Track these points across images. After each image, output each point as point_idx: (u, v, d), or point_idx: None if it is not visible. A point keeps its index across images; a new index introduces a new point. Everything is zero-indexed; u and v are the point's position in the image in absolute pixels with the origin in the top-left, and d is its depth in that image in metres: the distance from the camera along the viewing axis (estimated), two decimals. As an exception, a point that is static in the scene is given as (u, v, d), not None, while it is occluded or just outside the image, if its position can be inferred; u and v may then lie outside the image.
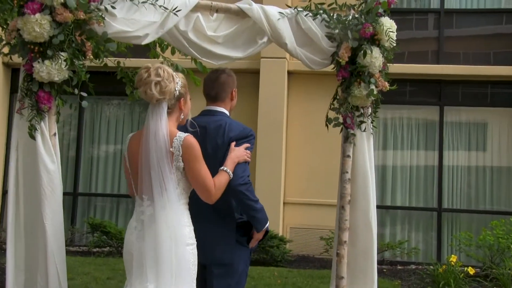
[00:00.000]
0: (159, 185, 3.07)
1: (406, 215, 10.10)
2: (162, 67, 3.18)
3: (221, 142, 3.64)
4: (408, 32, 10.39)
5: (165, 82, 3.14)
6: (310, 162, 10.02)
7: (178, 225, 3.10)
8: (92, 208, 10.59)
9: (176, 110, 3.27)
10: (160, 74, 3.14)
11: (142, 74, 3.15)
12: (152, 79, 3.12)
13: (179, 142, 3.13)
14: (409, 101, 10.28)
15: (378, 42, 4.13)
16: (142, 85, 3.14)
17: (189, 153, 3.13)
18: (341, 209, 4.15)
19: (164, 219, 3.06)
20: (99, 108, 10.63)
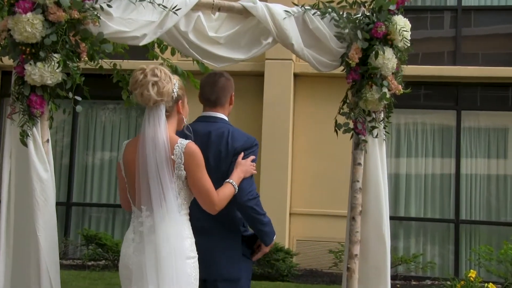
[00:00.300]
0: (159, 195, 3.07)
1: (421, 227, 10.07)
2: (158, 67, 3.19)
3: (225, 153, 3.65)
4: (423, 31, 10.40)
5: (162, 83, 3.14)
6: (318, 170, 10.01)
7: (178, 238, 3.10)
8: (86, 219, 10.60)
9: (174, 114, 3.27)
10: (157, 74, 3.15)
11: (138, 76, 3.15)
12: (148, 80, 3.12)
13: (181, 149, 3.13)
14: (424, 105, 10.28)
15: (391, 42, 4.13)
16: (138, 87, 3.14)
17: (191, 161, 3.13)
18: (352, 220, 4.14)
19: (164, 231, 3.06)
20: (94, 113, 10.65)
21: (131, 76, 3.22)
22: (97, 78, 5.96)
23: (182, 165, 3.12)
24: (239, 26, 4.08)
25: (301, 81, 10.22)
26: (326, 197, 9.87)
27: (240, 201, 3.55)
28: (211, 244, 3.59)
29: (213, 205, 3.23)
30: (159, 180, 3.07)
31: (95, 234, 9.45)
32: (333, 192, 9.74)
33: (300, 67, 9.97)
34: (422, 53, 10.24)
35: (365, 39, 4.06)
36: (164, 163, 3.08)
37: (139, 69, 3.18)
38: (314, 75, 9.86)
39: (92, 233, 9.49)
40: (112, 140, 10.58)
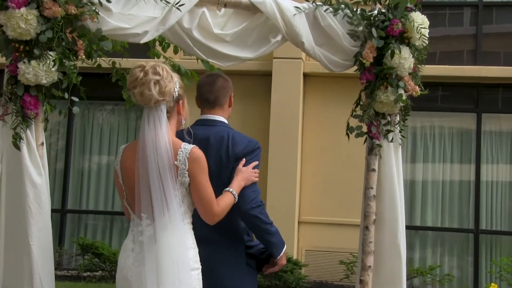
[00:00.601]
0: (161, 203, 3.06)
1: (439, 237, 10.05)
2: (160, 64, 3.19)
3: (226, 159, 3.64)
4: (441, 29, 10.39)
5: (164, 81, 3.14)
6: (329, 176, 10.00)
7: (182, 248, 3.09)
8: (82, 227, 10.61)
9: (175, 115, 3.27)
10: (159, 72, 3.14)
11: (137, 73, 3.14)
12: (150, 78, 3.12)
13: (185, 154, 3.13)
14: (441, 108, 10.26)
15: (408, 40, 4.12)
16: (138, 86, 3.13)
17: (196, 168, 3.13)
18: (365, 229, 4.13)
19: (166, 240, 3.06)
20: (91, 114, 10.67)
21: (129, 73, 3.21)
22: (94, 78, 5.98)
23: (186, 171, 3.12)
24: (246, 23, 4.08)
25: (311, 81, 10.22)
26: (337, 205, 9.85)
27: (243, 209, 3.55)
28: (213, 254, 3.58)
29: (213, 215, 3.23)
30: (162, 187, 3.06)
31: (91, 243, 9.46)
32: (344, 199, 9.73)
33: (310, 66, 9.97)
34: (440, 52, 10.22)
35: (380, 37, 4.06)
36: (166, 169, 3.07)
37: (138, 66, 3.17)
38: (325, 75, 9.86)
39: (88, 242, 9.50)
40: (110, 143, 10.60)
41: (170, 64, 5.84)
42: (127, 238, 3.25)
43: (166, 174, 3.07)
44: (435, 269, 9.60)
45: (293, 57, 9.82)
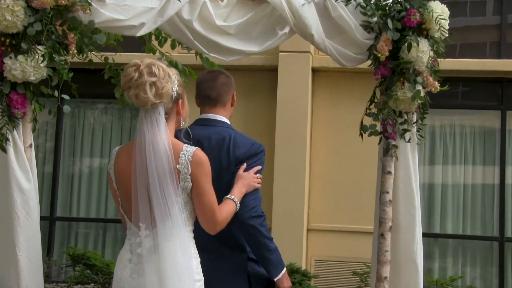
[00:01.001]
0: (162, 210, 3.07)
1: (460, 246, 10.04)
2: (156, 63, 3.17)
3: (226, 162, 3.65)
4: (462, 19, 10.37)
5: (161, 82, 3.13)
6: (341, 179, 10.00)
7: (185, 257, 3.10)
8: (73, 235, 10.62)
9: (173, 115, 3.27)
10: (155, 72, 3.13)
11: (131, 73, 3.12)
12: (145, 80, 3.10)
13: (187, 157, 3.13)
14: (462, 105, 10.24)
15: (426, 32, 4.13)
16: (132, 87, 3.12)
17: (199, 171, 3.14)
18: (380, 237, 4.14)
19: (168, 250, 3.06)
20: (82, 113, 10.68)
21: (122, 72, 3.20)
22: (85, 74, 5.99)
23: (188, 175, 3.13)
24: (251, 14, 4.09)
25: (320, 77, 10.21)
26: (349, 211, 9.84)
27: (242, 218, 3.56)
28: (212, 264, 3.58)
29: (215, 224, 3.23)
30: (163, 194, 3.07)
31: (82, 253, 9.45)
32: (357, 205, 9.71)
33: (320, 60, 9.96)
34: (461, 44, 10.21)
35: (396, 29, 4.07)
36: (167, 173, 3.08)
37: (132, 65, 3.15)
38: (335, 70, 9.85)
39: (79, 252, 9.50)
40: (102, 145, 10.61)
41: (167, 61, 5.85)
42: (124, 248, 3.26)
43: (166, 179, 3.08)
44: (456, 281, 9.58)
45: (301, 51, 9.81)
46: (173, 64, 5.80)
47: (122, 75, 3.19)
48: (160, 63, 3.19)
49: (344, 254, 9.82)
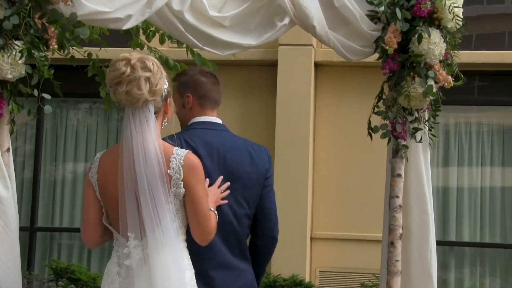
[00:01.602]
0: (152, 219, 3.07)
1: (478, 254, 10.05)
2: (149, 57, 3.18)
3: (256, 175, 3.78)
4: (478, 7, 10.39)
5: (155, 78, 3.13)
6: (346, 183, 10.01)
7: (177, 270, 3.11)
8: (55, 247, 10.62)
9: (161, 115, 3.29)
10: (150, 67, 3.13)
11: (121, 68, 3.11)
12: (140, 75, 3.10)
13: (179, 161, 3.14)
14: (479, 101, 10.26)
15: (439, 22, 4.15)
16: (124, 83, 3.10)
17: (193, 177, 3.15)
18: (391, 246, 4.15)
19: (158, 262, 3.07)
20: (64, 114, 10.68)
21: (109, 67, 3.19)
22: (67, 71, 5.98)
23: (181, 181, 3.13)
24: (248, 3, 4.10)
25: (324, 72, 10.23)
26: (356, 217, 9.85)
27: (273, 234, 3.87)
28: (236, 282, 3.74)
29: (208, 233, 3.25)
30: (153, 201, 3.07)
31: (66, 266, 9.45)
32: (365, 211, 9.72)
33: (323, 54, 9.97)
34: (477, 35, 10.22)
35: (405, 19, 4.09)
36: (158, 179, 3.08)
37: (121, 59, 3.14)
38: (340, 65, 9.85)
39: (62, 265, 9.49)
40: (87, 148, 10.60)
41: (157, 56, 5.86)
42: (111, 260, 3.27)
43: (157, 184, 3.08)
44: (473, 292, 9.60)
45: (303, 44, 9.82)
46: (163, 60, 5.81)
47: (110, 69, 3.17)
48: (152, 57, 3.20)
49: (351, 265, 9.83)
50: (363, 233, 9.73)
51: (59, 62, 4.90)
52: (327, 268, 9.97)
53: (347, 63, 9.02)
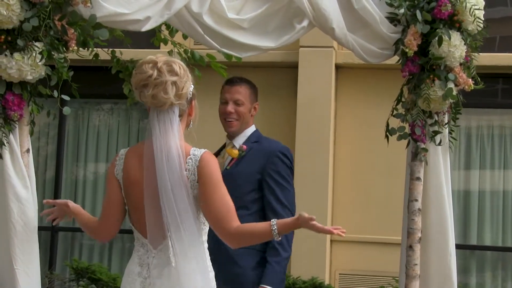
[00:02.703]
0: (175, 220, 3.06)
1: (500, 259, 9.99)
2: (175, 60, 3.18)
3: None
4: (501, 9, 10.32)
5: (181, 82, 3.13)
6: (367, 186, 9.98)
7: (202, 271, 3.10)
8: (76, 247, 10.68)
9: (185, 117, 3.29)
10: (176, 71, 3.13)
11: (148, 71, 3.12)
12: (166, 79, 3.10)
13: (195, 162, 3.13)
14: (502, 104, 10.19)
15: (459, 24, 4.13)
16: (150, 86, 3.10)
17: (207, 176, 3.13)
18: (409, 249, 4.14)
19: (184, 263, 3.07)
20: (86, 115, 10.73)
21: (136, 69, 3.20)
22: (89, 72, 6.02)
23: (196, 183, 3.13)
24: (266, 5, 4.10)
25: (344, 74, 10.20)
26: (377, 220, 9.81)
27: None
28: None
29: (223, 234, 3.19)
30: (176, 204, 3.05)
31: (87, 266, 9.49)
32: (386, 213, 9.68)
33: (344, 56, 9.95)
34: (501, 37, 10.15)
35: (425, 21, 4.07)
36: (181, 182, 3.07)
37: (148, 62, 3.15)
38: (361, 67, 9.82)
39: (83, 265, 9.54)
40: (108, 149, 10.65)
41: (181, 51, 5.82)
42: (132, 260, 3.28)
43: (181, 188, 3.07)
44: (495, 297, 9.55)
45: (323, 46, 9.80)
46: (187, 54, 5.79)
47: (136, 71, 3.18)
48: (178, 60, 3.20)
49: (371, 268, 9.79)
50: (384, 236, 9.69)
51: (81, 64, 4.92)
52: (347, 270, 9.95)
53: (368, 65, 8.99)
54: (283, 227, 3.19)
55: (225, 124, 4.47)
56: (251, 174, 4.34)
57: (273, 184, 4.36)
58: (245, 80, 4.48)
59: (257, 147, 4.42)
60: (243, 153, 4.35)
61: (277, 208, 4.33)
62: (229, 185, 4.08)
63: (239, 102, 4.39)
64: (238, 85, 4.41)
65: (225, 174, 4.11)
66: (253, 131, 4.51)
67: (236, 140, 4.48)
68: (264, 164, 4.36)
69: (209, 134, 5.37)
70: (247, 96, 4.42)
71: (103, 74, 6.19)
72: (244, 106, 4.41)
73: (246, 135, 4.49)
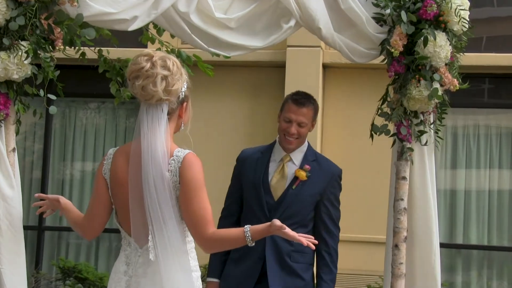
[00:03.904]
0: (158, 220, 3.06)
1: (485, 257, 10.02)
2: (170, 57, 3.18)
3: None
4: (487, 9, 10.35)
5: (173, 79, 3.13)
6: (353, 185, 9.97)
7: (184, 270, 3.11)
8: (63, 246, 10.65)
9: (175, 118, 3.27)
10: (169, 67, 3.13)
11: (142, 63, 3.12)
12: (158, 72, 3.10)
13: (177, 164, 3.13)
14: (488, 104, 10.23)
15: (445, 25, 4.14)
16: (141, 77, 3.11)
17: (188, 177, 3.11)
18: (395, 248, 4.15)
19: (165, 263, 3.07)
20: (73, 114, 10.70)
21: (132, 61, 3.20)
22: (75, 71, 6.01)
23: (178, 184, 3.13)
24: (254, 5, 4.11)
25: (332, 73, 10.22)
26: (363, 219, 9.83)
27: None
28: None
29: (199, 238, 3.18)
30: (157, 201, 3.05)
31: (74, 265, 9.48)
32: (372, 212, 9.70)
33: (331, 56, 9.96)
34: (487, 38, 10.18)
35: (411, 22, 4.08)
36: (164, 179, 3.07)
37: (144, 54, 3.16)
38: (348, 66, 9.84)
39: (70, 264, 9.52)
40: (95, 148, 10.63)
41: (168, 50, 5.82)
42: (119, 259, 3.28)
43: (163, 185, 3.07)
44: (481, 295, 9.58)
45: (311, 45, 9.80)
46: (174, 53, 5.78)
47: (131, 63, 3.18)
48: (174, 58, 3.20)
49: (357, 267, 9.80)
50: (371, 235, 9.71)
51: (68, 62, 4.91)
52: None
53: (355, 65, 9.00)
54: (256, 233, 3.19)
55: (283, 140, 4.48)
56: (313, 196, 4.44)
57: (330, 206, 4.50)
58: (310, 100, 4.48)
59: (317, 168, 4.48)
60: (309, 174, 4.41)
61: (331, 227, 4.53)
62: (294, 205, 4.37)
63: (302, 125, 4.42)
64: (305, 108, 4.42)
65: (290, 193, 4.39)
66: (307, 146, 4.58)
67: (294, 155, 4.51)
68: (325, 187, 4.47)
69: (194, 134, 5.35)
70: (310, 117, 4.46)
71: (90, 73, 6.18)
72: (306, 127, 4.45)
73: (302, 150, 4.54)
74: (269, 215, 4.34)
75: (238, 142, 9.74)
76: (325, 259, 4.52)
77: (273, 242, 4.34)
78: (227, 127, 9.65)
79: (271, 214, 4.34)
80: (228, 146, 9.36)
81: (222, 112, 9.58)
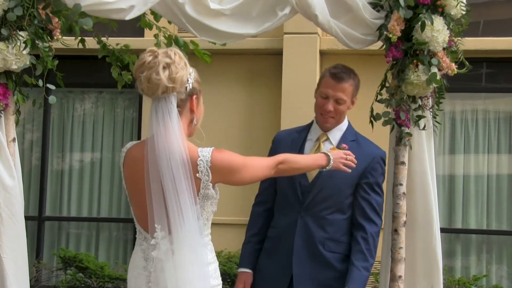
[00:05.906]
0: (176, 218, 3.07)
1: (484, 242, 10.05)
2: (173, 49, 3.22)
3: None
4: (485, -7, 10.35)
5: (176, 67, 3.14)
6: (353, 171, 10.01)
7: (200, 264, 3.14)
8: (63, 236, 10.66)
9: (187, 112, 3.27)
10: (171, 56, 3.16)
11: (146, 57, 3.16)
12: (160, 60, 3.13)
13: (206, 164, 3.15)
14: (486, 88, 10.22)
15: (442, 9, 4.14)
16: (145, 70, 3.14)
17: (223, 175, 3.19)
18: (394, 233, 4.17)
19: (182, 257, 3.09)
20: (71, 104, 10.69)
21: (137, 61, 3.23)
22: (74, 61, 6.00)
23: (210, 183, 3.16)
24: (249, -6, 4.10)
25: (329, 60, 10.19)
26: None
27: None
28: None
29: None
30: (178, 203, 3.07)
31: (74, 255, 9.49)
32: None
33: (328, 42, 9.95)
34: (485, 21, 10.16)
35: (408, 7, 4.08)
36: (183, 180, 3.08)
37: (148, 51, 3.20)
38: (345, 53, 9.81)
39: (70, 254, 9.53)
40: (94, 138, 10.63)
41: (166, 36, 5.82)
42: (136, 253, 3.31)
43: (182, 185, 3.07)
44: (480, 280, 9.59)
45: (308, 32, 9.79)
46: (171, 39, 5.78)
47: (137, 61, 3.22)
48: (178, 50, 3.22)
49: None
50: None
51: (66, 53, 4.91)
52: (334, 256, 9.98)
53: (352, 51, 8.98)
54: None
55: (320, 117, 4.35)
56: (349, 178, 4.09)
57: (370, 190, 4.20)
58: (350, 75, 4.35)
59: (356, 148, 4.15)
60: None
61: (370, 214, 4.18)
62: (328, 187, 4.13)
63: (340, 102, 4.29)
64: (345, 83, 4.27)
65: (324, 174, 4.10)
66: (347, 125, 4.41)
67: (331, 134, 4.37)
68: (364, 168, 4.18)
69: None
70: (350, 93, 4.29)
71: (88, 63, 6.18)
72: (345, 104, 4.28)
73: (341, 129, 4.40)
74: (301, 198, 4.17)
75: (235, 129, 9.76)
76: (359, 245, 4.14)
77: (305, 228, 4.15)
78: (224, 114, 9.65)
79: (304, 197, 4.16)
80: (225, 133, 9.38)
81: (219, 100, 9.58)
